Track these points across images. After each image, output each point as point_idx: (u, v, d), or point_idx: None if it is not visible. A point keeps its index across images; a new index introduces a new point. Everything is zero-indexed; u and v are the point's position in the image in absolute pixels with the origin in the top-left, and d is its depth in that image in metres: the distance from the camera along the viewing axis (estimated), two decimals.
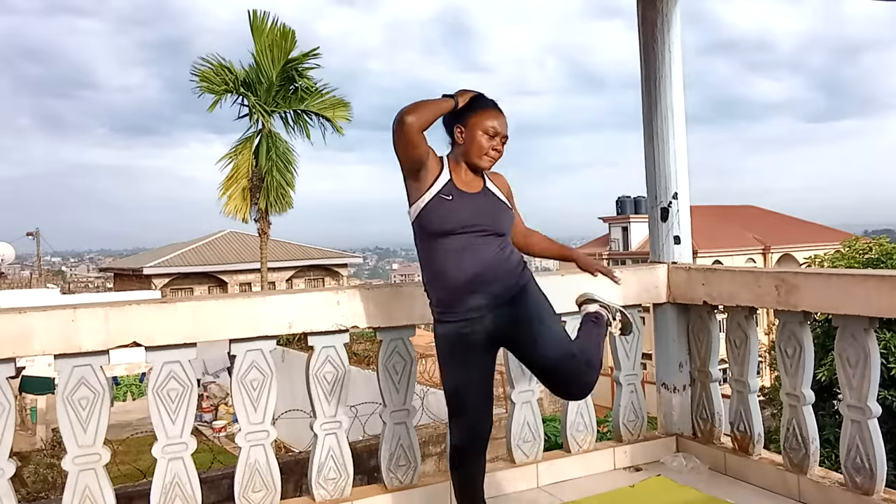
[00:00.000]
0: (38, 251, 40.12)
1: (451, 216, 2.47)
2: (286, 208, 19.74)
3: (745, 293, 3.33)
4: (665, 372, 3.82)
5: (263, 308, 2.90)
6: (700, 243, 31.77)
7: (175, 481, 2.74)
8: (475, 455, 2.67)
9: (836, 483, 3.01)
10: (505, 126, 2.58)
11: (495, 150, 2.56)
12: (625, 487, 3.36)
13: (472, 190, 2.56)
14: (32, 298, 18.81)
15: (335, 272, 33.55)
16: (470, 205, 2.51)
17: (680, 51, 3.80)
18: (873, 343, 2.85)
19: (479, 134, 2.54)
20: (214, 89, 18.98)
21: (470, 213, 2.50)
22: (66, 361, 2.60)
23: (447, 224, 2.47)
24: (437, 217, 2.48)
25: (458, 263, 2.48)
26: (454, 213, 2.48)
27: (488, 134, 2.54)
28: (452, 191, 2.50)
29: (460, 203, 2.49)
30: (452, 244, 2.48)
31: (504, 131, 2.58)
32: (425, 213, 2.50)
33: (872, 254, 9.54)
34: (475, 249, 2.48)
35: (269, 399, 2.92)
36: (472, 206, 2.52)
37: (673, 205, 3.81)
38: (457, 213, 2.48)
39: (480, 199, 2.56)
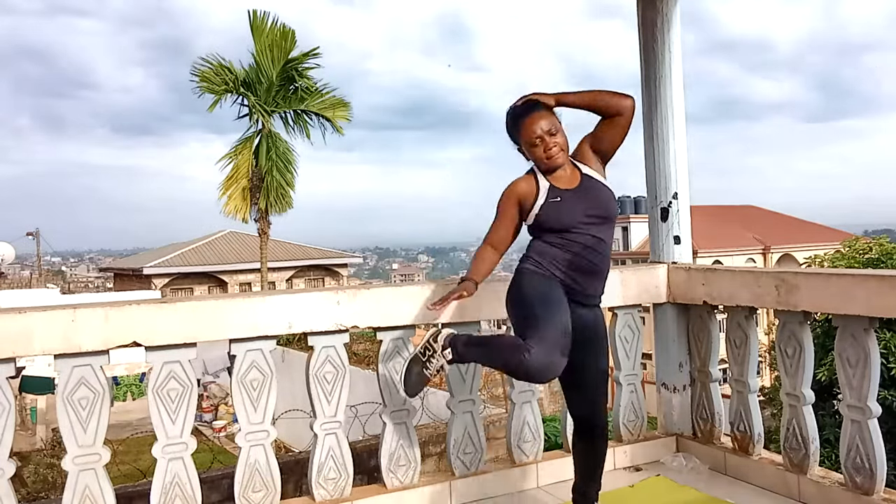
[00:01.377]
0: (38, 251, 40.13)
1: (566, 215, 2.59)
2: (286, 208, 19.74)
3: (745, 293, 3.33)
4: (665, 372, 3.82)
5: (263, 308, 2.90)
6: (700, 243, 31.77)
7: (175, 481, 2.74)
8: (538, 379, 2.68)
9: (836, 483, 3.01)
10: (543, 122, 2.61)
11: (552, 149, 2.61)
12: (624, 487, 3.36)
13: (573, 184, 2.65)
14: (32, 298, 18.80)
15: (335, 272, 33.54)
16: (577, 199, 2.62)
17: (680, 51, 3.80)
18: (873, 343, 2.85)
19: (531, 149, 2.64)
20: (214, 89, 18.97)
21: (581, 207, 2.61)
22: (66, 361, 2.60)
23: (564, 221, 2.59)
24: (551, 219, 2.61)
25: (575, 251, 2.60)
26: (567, 211, 2.60)
27: (535, 143, 2.61)
28: (558, 192, 2.62)
29: (569, 200, 2.61)
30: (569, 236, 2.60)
31: (546, 128, 2.61)
32: (541, 220, 2.63)
33: (872, 254, 9.53)
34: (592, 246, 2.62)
35: (269, 399, 2.92)
36: (581, 200, 2.62)
37: (673, 205, 3.81)
38: (569, 210, 2.60)
39: (584, 189, 2.65)
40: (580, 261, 2.61)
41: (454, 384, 3.24)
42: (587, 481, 2.83)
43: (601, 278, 2.71)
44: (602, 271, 2.70)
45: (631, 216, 41.38)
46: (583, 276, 2.63)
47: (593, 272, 2.66)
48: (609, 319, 3.51)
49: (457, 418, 3.24)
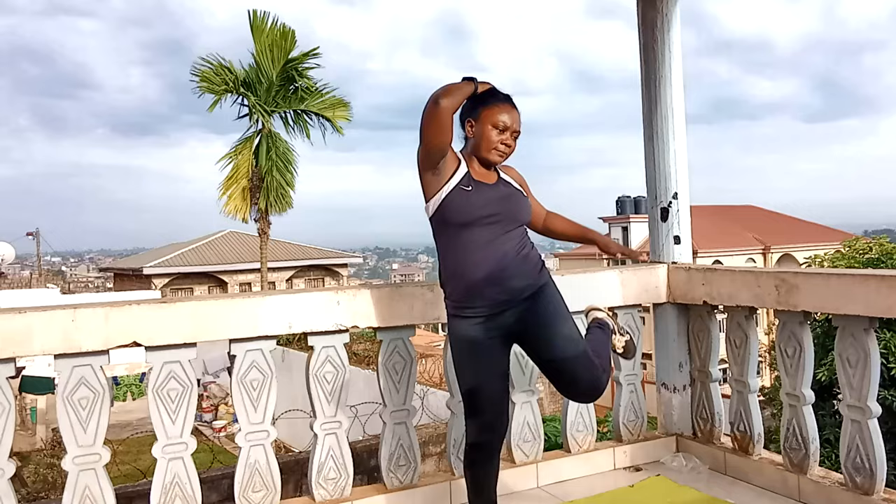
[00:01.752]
0: (38, 251, 40.14)
1: (472, 206, 2.47)
2: (286, 208, 19.75)
3: (745, 293, 3.33)
4: (665, 372, 3.82)
5: (263, 308, 2.90)
6: (700, 243, 31.76)
7: (175, 481, 2.74)
8: (490, 453, 2.67)
9: (836, 483, 3.01)
10: (517, 121, 2.57)
11: (504, 145, 2.55)
12: (624, 487, 3.36)
13: (490, 181, 2.56)
14: (32, 298, 18.81)
15: (335, 272, 33.55)
16: (490, 195, 2.52)
17: (680, 51, 3.80)
18: (873, 343, 2.85)
19: (489, 128, 2.53)
20: (214, 89, 18.98)
21: (491, 204, 2.50)
22: (66, 361, 2.60)
23: (469, 214, 2.47)
24: (458, 208, 2.47)
25: (480, 256, 2.47)
26: (475, 204, 2.47)
27: (498, 128, 2.53)
28: (471, 182, 2.50)
29: (480, 193, 2.49)
30: (474, 236, 2.48)
31: (515, 126, 2.56)
32: (446, 205, 2.48)
33: (872, 254, 9.54)
34: (497, 243, 2.48)
35: (269, 399, 2.92)
36: (492, 197, 2.52)
37: (673, 205, 3.81)
38: (478, 203, 2.48)
39: (499, 189, 2.57)
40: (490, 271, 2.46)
41: (454, 384, 3.24)
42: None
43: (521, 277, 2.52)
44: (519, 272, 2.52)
45: (631, 216, 41.35)
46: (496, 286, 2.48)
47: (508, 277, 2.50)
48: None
49: (457, 418, 3.24)
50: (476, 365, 2.58)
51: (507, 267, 2.49)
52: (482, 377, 2.58)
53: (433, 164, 2.47)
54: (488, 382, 2.58)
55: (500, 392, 2.62)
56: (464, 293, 2.54)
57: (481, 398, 2.59)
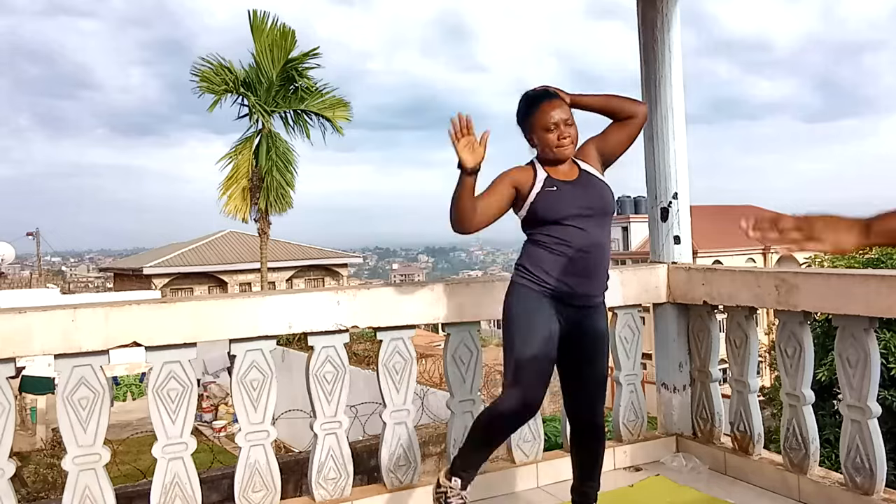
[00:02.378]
0: (38, 251, 40.14)
1: (562, 204, 2.55)
2: (286, 208, 19.74)
3: (745, 293, 3.33)
4: (665, 372, 3.82)
5: (263, 308, 2.90)
6: (700, 243, 31.75)
7: (175, 481, 2.74)
8: (516, 424, 2.69)
9: (836, 483, 3.01)
10: (561, 109, 2.60)
11: (565, 138, 2.58)
12: (624, 487, 3.36)
13: (572, 177, 2.63)
14: (32, 298, 18.80)
15: (335, 272, 33.54)
16: (576, 191, 2.59)
17: (680, 51, 3.80)
18: (873, 343, 2.85)
19: (543, 134, 2.59)
20: (214, 89, 18.97)
21: (579, 198, 2.57)
22: (66, 361, 2.60)
23: (560, 212, 2.54)
24: (548, 207, 2.56)
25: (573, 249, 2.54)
26: (564, 201, 2.55)
27: (549, 129, 2.58)
28: (555, 183, 2.59)
29: (566, 191, 2.57)
30: (568, 230, 2.55)
31: (562, 115, 2.59)
32: (535, 208, 2.57)
33: (872, 254, 9.53)
34: (589, 234, 2.56)
35: (269, 399, 2.92)
36: (578, 192, 2.59)
37: (673, 205, 3.81)
38: (566, 200, 2.56)
39: (582, 183, 2.62)
40: (574, 263, 2.55)
41: (454, 384, 3.24)
42: (586, 482, 2.82)
43: (599, 278, 2.64)
44: (599, 271, 2.64)
45: (631, 216, 41.37)
46: (578, 278, 2.57)
47: (589, 273, 2.60)
48: (609, 319, 3.51)
49: (457, 418, 3.24)
50: (534, 335, 2.55)
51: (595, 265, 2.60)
52: (538, 348, 2.54)
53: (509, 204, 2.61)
54: (542, 355, 2.55)
55: (547, 369, 2.58)
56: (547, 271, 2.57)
57: (530, 368, 2.54)
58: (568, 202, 2.56)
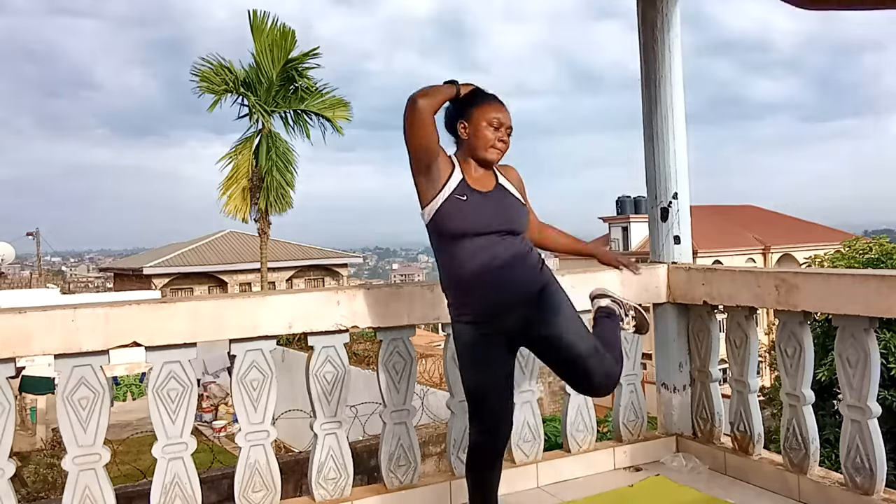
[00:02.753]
0: (38, 251, 40.13)
1: (467, 217, 2.44)
2: (286, 208, 19.75)
3: (745, 293, 3.33)
4: (665, 372, 3.82)
5: (263, 308, 2.90)
6: (700, 243, 31.76)
7: (175, 481, 2.74)
8: (494, 456, 2.65)
9: (836, 483, 3.01)
10: (509, 117, 2.55)
11: (501, 142, 2.53)
12: (624, 487, 3.36)
13: (486, 188, 2.51)
14: (32, 298, 18.81)
15: (335, 272, 33.54)
16: (485, 204, 2.48)
17: (680, 51, 3.80)
18: (873, 343, 2.85)
19: (483, 126, 2.50)
20: (214, 89, 18.98)
21: (486, 214, 2.46)
22: (66, 361, 2.60)
23: (464, 226, 2.44)
24: (452, 219, 2.44)
25: (477, 265, 2.44)
26: (470, 215, 2.44)
27: (493, 126, 2.50)
28: (466, 190, 2.46)
29: (475, 203, 2.46)
30: (470, 245, 2.44)
31: (508, 122, 2.54)
32: (440, 216, 2.46)
33: (872, 254, 9.54)
34: (493, 250, 2.45)
35: (269, 399, 2.92)
36: (488, 206, 2.48)
37: (673, 205, 3.81)
38: (473, 213, 2.44)
39: (495, 197, 2.52)
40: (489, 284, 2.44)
41: (454, 384, 3.24)
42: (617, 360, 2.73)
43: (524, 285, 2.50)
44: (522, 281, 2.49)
45: (631, 216, 41.34)
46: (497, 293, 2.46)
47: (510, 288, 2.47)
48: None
49: (457, 418, 3.24)
50: (477, 369, 2.57)
51: (504, 273, 2.46)
52: (484, 381, 2.57)
53: (423, 167, 2.45)
54: (490, 387, 2.57)
55: (502, 397, 2.60)
56: (462, 299, 2.54)
57: (483, 402, 2.58)
58: (474, 217, 2.44)
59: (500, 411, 2.60)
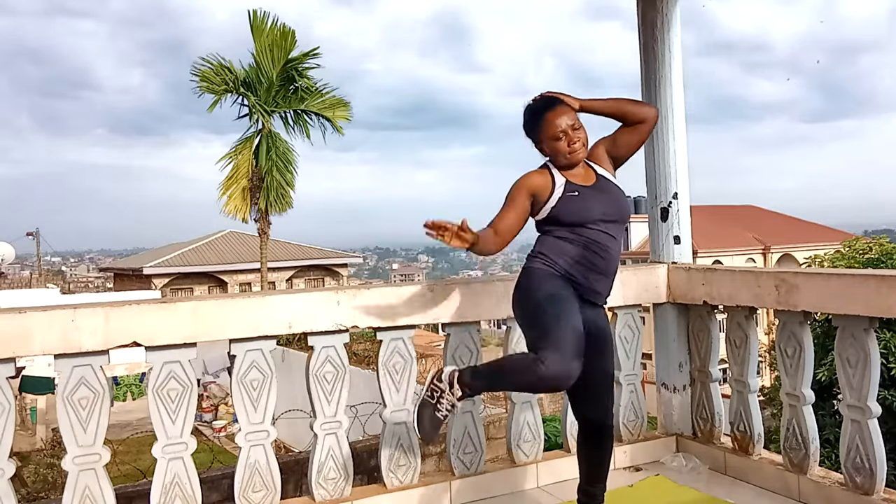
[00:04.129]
0: (38, 251, 40.14)
1: (583, 209, 2.56)
2: (286, 208, 19.74)
3: (745, 293, 3.33)
4: (665, 372, 3.82)
5: (263, 308, 2.90)
6: (700, 243, 31.75)
7: (175, 481, 2.74)
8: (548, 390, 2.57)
9: (836, 483, 3.01)
10: (567, 116, 2.60)
11: (575, 143, 2.59)
12: (624, 487, 3.36)
13: (589, 182, 2.64)
14: (32, 298, 18.80)
15: (335, 272, 33.54)
16: (597, 195, 2.61)
17: (680, 51, 3.80)
18: (873, 343, 2.85)
19: (552, 143, 2.60)
20: (214, 89, 18.97)
21: (601, 203, 2.60)
22: (66, 361, 2.60)
23: (584, 216, 2.56)
24: (571, 211, 2.57)
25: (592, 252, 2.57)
26: (586, 207, 2.57)
27: (558, 137, 2.58)
28: (576, 188, 2.59)
29: (588, 196, 2.59)
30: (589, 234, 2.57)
31: (569, 122, 2.59)
32: (557, 211, 2.58)
33: (872, 254, 9.54)
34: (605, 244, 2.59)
35: (269, 399, 2.92)
36: (600, 197, 2.61)
37: (673, 205, 3.81)
38: (588, 205, 2.57)
39: (602, 187, 2.65)
40: (593, 258, 2.58)
41: None
42: (594, 482, 2.81)
43: (610, 278, 2.67)
44: (612, 271, 2.67)
45: (631, 216, 41.34)
46: (595, 274, 2.60)
47: (604, 271, 2.62)
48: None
49: (457, 418, 3.24)
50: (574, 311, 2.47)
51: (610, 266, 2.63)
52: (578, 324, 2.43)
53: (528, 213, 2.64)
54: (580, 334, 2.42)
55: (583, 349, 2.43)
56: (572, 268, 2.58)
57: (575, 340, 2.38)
58: (591, 207, 2.58)
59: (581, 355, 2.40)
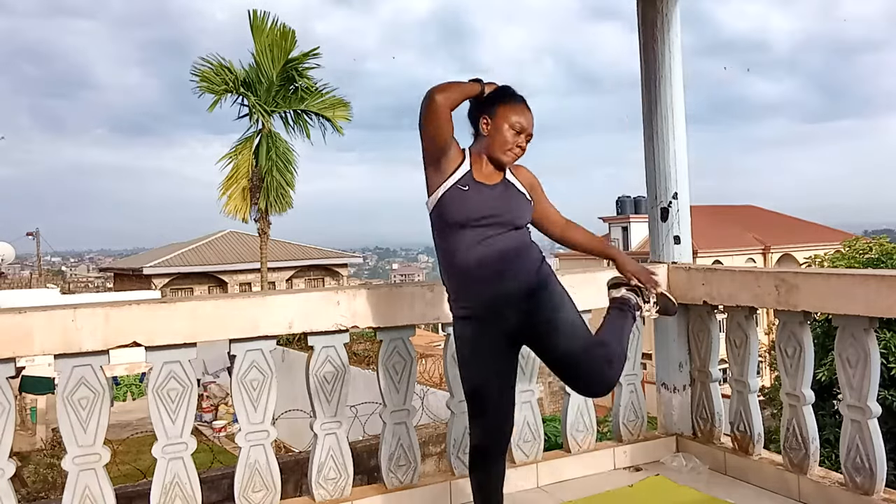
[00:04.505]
0: (38, 251, 40.15)
1: (466, 207, 2.44)
2: (286, 208, 19.76)
3: (745, 293, 3.33)
4: (665, 372, 3.82)
5: (263, 308, 2.90)
6: (700, 243, 31.74)
7: (175, 481, 2.74)
8: (496, 456, 2.62)
9: (836, 483, 3.01)
10: (531, 123, 2.55)
11: (519, 147, 2.53)
12: (624, 487, 3.36)
13: (491, 182, 2.51)
14: (32, 298, 18.81)
15: (335, 272, 33.54)
16: (486, 196, 2.47)
17: (680, 51, 3.80)
18: (873, 343, 2.85)
19: (505, 128, 2.49)
20: (214, 89, 18.99)
21: (486, 205, 2.45)
22: (66, 361, 2.60)
23: (463, 215, 2.44)
24: (453, 208, 2.45)
25: (474, 256, 2.43)
26: (470, 205, 2.44)
27: (514, 129, 2.50)
28: (469, 182, 2.46)
29: (476, 194, 2.46)
30: (468, 236, 2.44)
31: (530, 129, 2.54)
32: (441, 204, 2.47)
33: (872, 254, 9.53)
34: (491, 242, 2.44)
35: (269, 399, 2.92)
36: (489, 198, 2.47)
37: (673, 205, 3.81)
38: (472, 204, 2.44)
39: (498, 190, 2.52)
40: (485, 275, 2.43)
41: (454, 384, 3.24)
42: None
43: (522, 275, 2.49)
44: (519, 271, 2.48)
45: (631, 216, 41.31)
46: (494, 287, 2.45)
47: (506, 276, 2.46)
48: None
49: (457, 418, 3.24)
50: (477, 366, 2.55)
51: (502, 267, 2.45)
52: (483, 378, 2.55)
53: (433, 159, 2.46)
54: (490, 384, 2.54)
55: (502, 395, 2.57)
56: (460, 291, 2.53)
57: (483, 400, 2.55)
58: (474, 206, 2.44)
59: (499, 411, 2.58)
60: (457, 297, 2.56)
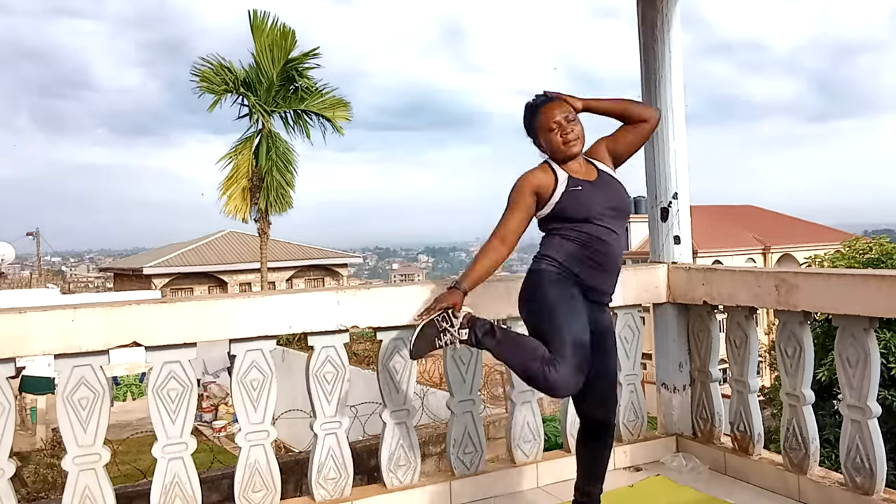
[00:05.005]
0: (38, 251, 40.16)
1: (587, 204, 2.57)
2: (286, 208, 19.75)
3: (745, 293, 3.33)
4: (665, 372, 3.82)
5: (263, 308, 2.90)
6: (700, 243, 31.74)
7: (175, 481, 2.74)
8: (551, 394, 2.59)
9: (836, 483, 3.01)
10: (560, 109, 2.61)
11: (569, 134, 2.60)
12: (624, 487, 3.36)
13: (591, 177, 2.65)
14: (32, 298, 18.80)
15: (335, 272, 33.54)
16: (599, 190, 2.61)
17: (680, 51, 3.80)
18: (873, 343, 2.85)
19: (548, 136, 2.62)
20: (214, 89, 18.98)
21: (603, 197, 2.60)
22: (66, 361, 2.60)
23: (588, 210, 2.56)
24: (575, 206, 2.57)
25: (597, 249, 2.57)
26: (590, 201, 2.57)
27: (553, 130, 2.60)
28: (579, 182, 2.60)
29: (591, 191, 2.59)
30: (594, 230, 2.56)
31: (563, 114, 2.61)
32: (561, 205, 2.58)
33: (872, 254, 9.53)
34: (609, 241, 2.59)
35: (269, 399, 2.92)
36: (602, 191, 2.62)
37: (673, 205, 3.81)
38: (592, 200, 2.57)
39: (604, 182, 2.65)
40: (598, 256, 2.58)
41: (454, 384, 3.24)
42: (592, 481, 2.80)
43: (614, 276, 2.68)
44: (616, 269, 2.68)
45: (631, 216, 41.33)
46: (600, 273, 2.61)
47: (610, 269, 2.63)
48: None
49: (457, 418, 3.24)
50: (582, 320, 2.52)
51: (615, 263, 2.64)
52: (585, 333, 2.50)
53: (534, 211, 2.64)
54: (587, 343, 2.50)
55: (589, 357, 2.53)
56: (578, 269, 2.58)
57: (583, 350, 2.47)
58: (595, 201, 2.58)
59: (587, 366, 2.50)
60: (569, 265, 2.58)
